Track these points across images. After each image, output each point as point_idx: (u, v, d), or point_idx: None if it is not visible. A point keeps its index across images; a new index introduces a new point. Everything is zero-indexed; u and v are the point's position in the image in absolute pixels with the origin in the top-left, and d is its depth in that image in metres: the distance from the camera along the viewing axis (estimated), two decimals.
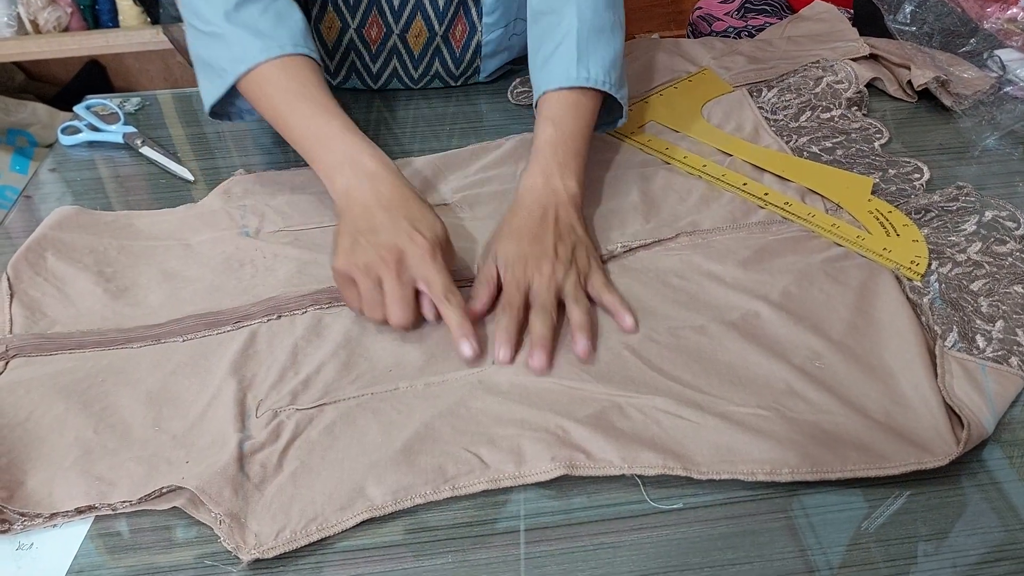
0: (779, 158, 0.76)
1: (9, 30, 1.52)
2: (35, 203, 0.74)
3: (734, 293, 0.60)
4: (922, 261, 0.62)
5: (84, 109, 0.84)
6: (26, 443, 0.50)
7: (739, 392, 0.52)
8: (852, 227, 0.66)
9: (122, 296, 0.61)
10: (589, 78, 0.67)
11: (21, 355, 0.56)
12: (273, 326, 0.58)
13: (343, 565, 0.45)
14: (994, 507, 0.47)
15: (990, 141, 0.81)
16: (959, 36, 0.90)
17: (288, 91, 0.64)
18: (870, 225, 0.66)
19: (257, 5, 0.66)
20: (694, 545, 0.45)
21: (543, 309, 0.56)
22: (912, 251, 0.63)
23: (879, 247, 0.64)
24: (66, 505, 0.46)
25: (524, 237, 0.60)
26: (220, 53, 0.66)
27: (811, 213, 0.68)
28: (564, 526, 0.47)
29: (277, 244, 0.66)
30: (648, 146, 0.78)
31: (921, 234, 0.65)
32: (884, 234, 0.65)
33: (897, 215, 0.67)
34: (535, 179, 0.64)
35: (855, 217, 0.67)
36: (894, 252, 0.63)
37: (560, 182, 0.63)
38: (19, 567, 0.45)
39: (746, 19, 1.18)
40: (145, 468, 0.48)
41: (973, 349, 0.54)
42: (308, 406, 0.52)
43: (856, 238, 0.65)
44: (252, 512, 0.46)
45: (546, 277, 0.58)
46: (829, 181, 0.72)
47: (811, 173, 0.73)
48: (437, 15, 0.83)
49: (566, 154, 0.65)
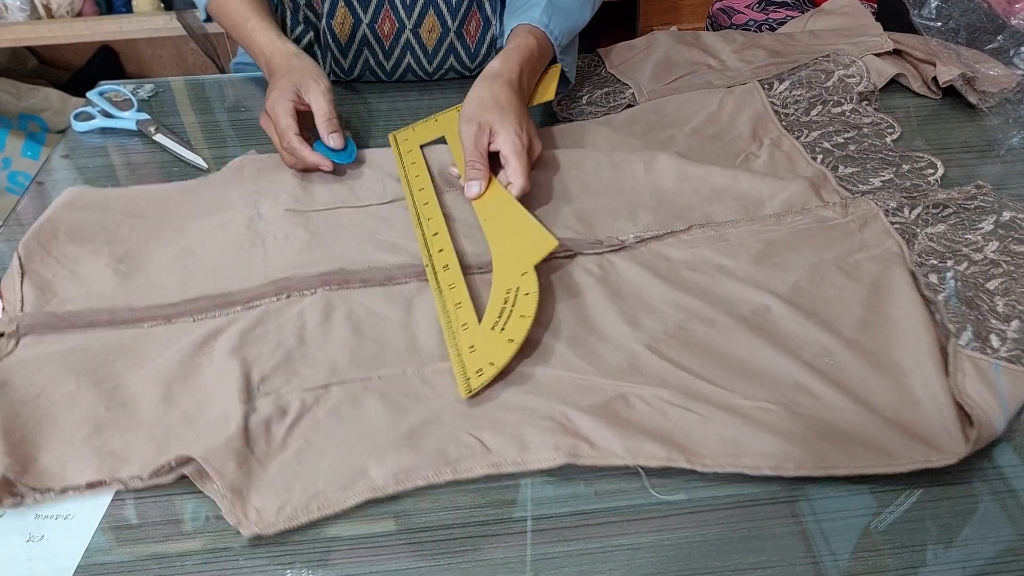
0: (497, 198, 0.67)
1: (22, 14, 1.52)
2: (47, 189, 0.74)
3: (745, 287, 0.60)
4: (487, 372, 0.51)
5: (97, 95, 0.85)
6: (38, 419, 0.50)
7: (747, 385, 0.52)
8: (471, 314, 0.56)
9: (133, 276, 0.62)
10: (548, 27, 0.78)
11: (32, 333, 0.57)
12: (282, 306, 0.59)
13: (355, 560, 0.44)
14: (1010, 515, 0.46)
15: (1016, 140, 0.79)
16: (985, 32, 0.88)
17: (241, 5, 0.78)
18: (493, 306, 0.56)
19: None
20: (715, 547, 0.45)
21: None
22: (490, 356, 0.52)
23: (469, 343, 0.54)
24: (77, 479, 0.47)
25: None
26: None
27: (452, 284, 0.59)
28: (582, 527, 0.46)
29: (288, 225, 0.67)
30: (405, 157, 0.76)
31: (523, 335, 0.53)
32: (491, 325, 0.55)
33: (524, 302, 0.55)
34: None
35: (493, 291, 0.58)
36: (477, 352, 0.53)
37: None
38: (30, 558, 0.44)
39: (767, 12, 1.17)
40: (156, 445, 0.49)
41: (987, 348, 0.53)
42: (315, 386, 0.53)
43: (460, 327, 0.55)
44: (255, 487, 0.46)
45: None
46: (514, 234, 0.62)
47: (507, 219, 0.64)
48: (450, 10, 0.83)
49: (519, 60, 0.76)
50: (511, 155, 0.67)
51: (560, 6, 0.79)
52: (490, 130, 0.69)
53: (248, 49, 0.80)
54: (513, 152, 0.67)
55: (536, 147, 0.71)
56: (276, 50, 0.76)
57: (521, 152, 0.67)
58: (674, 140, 0.78)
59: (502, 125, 0.68)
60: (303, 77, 0.72)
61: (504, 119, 0.69)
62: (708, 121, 0.81)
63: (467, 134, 0.70)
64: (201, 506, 0.47)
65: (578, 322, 0.57)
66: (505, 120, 0.69)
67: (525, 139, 0.69)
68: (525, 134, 0.69)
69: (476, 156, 0.69)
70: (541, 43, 0.78)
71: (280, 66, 0.75)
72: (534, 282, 0.57)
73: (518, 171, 0.67)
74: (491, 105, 0.70)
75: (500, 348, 0.53)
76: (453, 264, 0.61)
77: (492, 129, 0.69)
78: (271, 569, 0.44)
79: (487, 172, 0.69)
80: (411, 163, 0.74)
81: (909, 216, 0.66)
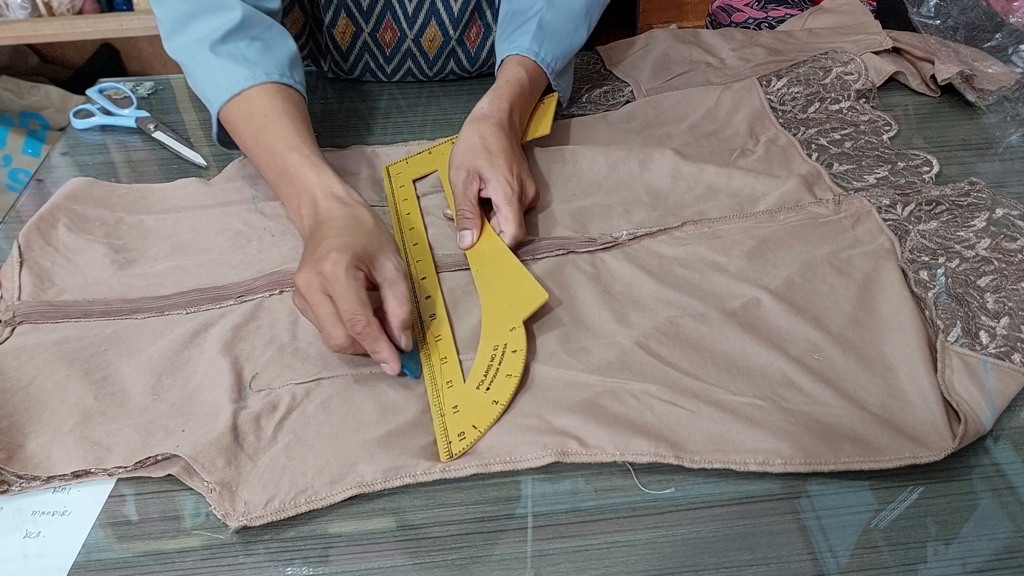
0: (491, 247, 0.64)
1: (23, 12, 1.52)
2: (47, 187, 0.74)
3: (737, 282, 0.60)
4: (469, 436, 0.49)
5: (97, 93, 0.85)
6: (27, 407, 0.51)
7: (736, 381, 0.52)
8: (456, 370, 0.54)
9: (130, 267, 0.62)
10: (539, 55, 0.75)
11: (28, 322, 0.57)
12: (275, 301, 0.59)
13: (353, 557, 0.45)
14: (1009, 512, 0.46)
15: (1014, 138, 0.79)
16: (984, 31, 0.88)
17: (260, 125, 0.64)
18: (479, 364, 0.54)
19: (245, 34, 0.66)
20: (710, 545, 0.45)
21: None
22: (473, 418, 0.50)
23: (452, 403, 0.52)
24: (63, 468, 0.47)
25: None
26: (205, 83, 0.67)
27: (439, 336, 0.57)
28: (577, 524, 0.46)
29: (285, 220, 0.67)
30: (397, 193, 0.73)
31: (508, 397, 0.51)
32: (476, 384, 0.53)
33: (510, 360, 0.53)
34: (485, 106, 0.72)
35: (480, 347, 0.56)
36: (460, 412, 0.51)
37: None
38: (26, 555, 0.45)
39: (766, 10, 1.17)
40: (142, 435, 0.49)
41: (976, 345, 0.53)
42: (305, 380, 0.53)
43: (444, 384, 0.53)
44: (244, 481, 0.46)
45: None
46: (504, 287, 0.60)
47: (498, 270, 0.62)
48: (452, 20, 0.83)
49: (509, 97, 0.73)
50: (502, 203, 0.65)
51: (552, 30, 0.76)
52: (479, 176, 0.66)
53: (279, 178, 0.64)
54: (504, 199, 0.65)
55: (528, 191, 0.68)
56: (324, 191, 0.60)
57: (512, 198, 0.65)
58: (671, 137, 0.78)
59: (491, 171, 0.65)
60: (377, 249, 0.55)
61: (493, 164, 0.66)
62: (705, 118, 0.81)
63: (456, 182, 0.67)
64: (200, 502, 0.47)
65: (569, 320, 0.58)
66: (495, 166, 0.66)
67: (516, 184, 0.66)
68: (516, 179, 0.66)
69: (467, 205, 0.66)
70: (532, 74, 0.75)
71: (333, 216, 0.58)
72: (522, 339, 0.54)
73: (509, 219, 0.64)
74: (479, 150, 0.67)
75: (484, 411, 0.51)
76: (440, 314, 0.59)
77: (481, 176, 0.66)
78: (270, 566, 0.44)
79: (479, 220, 0.66)
80: (403, 199, 0.72)
81: (902, 213, 0.66)
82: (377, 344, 0.52)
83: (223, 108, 0.66)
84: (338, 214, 0.58)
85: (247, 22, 0.66)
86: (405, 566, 0.44)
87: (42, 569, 0.44)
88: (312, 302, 0.52)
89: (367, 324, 0.51)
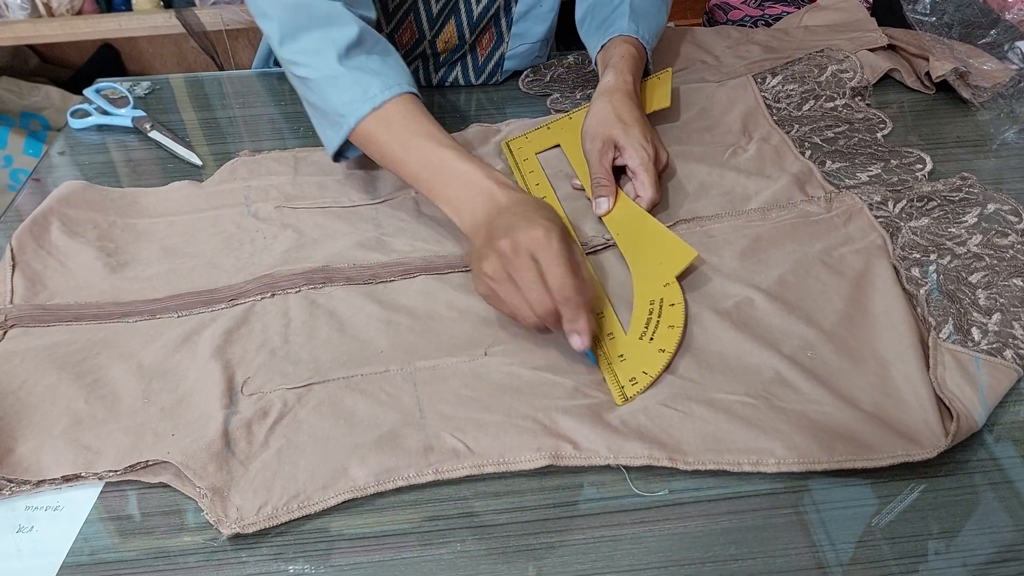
0: (628, 213, 0.67)
1: (23, 12, 1.52)
2: (44, 186, 0.74)
3: (729, 282, 0.59)
4: (641, 381, 0.52)
5: (94, 92, 0.85)
6: (17, 411, 0.51)
7: (728, 380, 0.52)
8: (615, 322, 0.57)
9: (122, 271, 0.62)
10: (639, 32, 0.79)
11: (19, 325, 0.57)
12: (267, 304, 0.59)
13: (346, 553, 0.45)
14: (1007, 506, 0.46)
15: (1009, 134, 0.79)
16: (979, 27, 0.88)
17: (406, 129, 0.64)
18: (638, 318, 0.57)
19: (364, 48, 0.66)
20: (696, 540, 0.45)
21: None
22: (642, 365, 0.53)
23: (618, 352, 0.54)
24: (53, 472, 0.47)
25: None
26: (336, 97, 0.65)
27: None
28: (564, 519, 0.46)
29: (278, 224, 0.67)
30: (523, 165, 0.75)
31: (674, 345, 0.54)
32: (638, 335, 0.55)
33: (670, 313, 0.56)
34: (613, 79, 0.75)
35: (636, 303, 0.58)
36: (628, 361, 0.53)
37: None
38: (19, 549, 0.45)
39: (763, 8, 1.17)
40: (131, 439, 0.49)
41: (968, 341, 0.53)
42: (297, 385, 0.53)
43: (605, 336, 0.56)
44: (236, 487, 0.46)
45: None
46: (650, 247, 0.62)
47: (640, 233, 0.64)
48: (470, 23, 0.84)
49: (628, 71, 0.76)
50: (639, 168, 0.67)
51: (643, 12, 0.80)
52: (615, 145, 0.69)
53: (434, 176, 0.62)
54: (641, 165, 0.67)
55: (662, 156, 0.71)
56: (498, 182, 0.59)
57: (649, 164, 0.67)
58: (664, 134, 0.78)
59: (627, 139, 0.68)
60: (562, 227, 0.56)
61: (628, 133, 0.68)
62: (699, 115, 0.81)
63: (592, 151, 0.70)
64: (192, 498, 0.47)
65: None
66: (629, 134, 0.68)
67: (651, 150, 0.68)
68: (651, 145, 0.69)
69: (602, 173, 0.69)
70: (638, 50, 0.79)
71: (517, 200, 0.58)
72: (679, 293, 0.57)
73: (647, 184, 0.67)
74: (613, 120, 0.70)
75: (652, 358, 0.53)
76: (588, 274, 0.59)
77: (617, 144, 0.69)
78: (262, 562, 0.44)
79: (614, 188, 0.68)
80: (529, 171, 0.74)
81: (893, 210, 0.65)
82: (580, 312, 0.52)
83: (362, 121, 0.64)
84: (522, 199, 0.58)
85: (364, 35, 0.66)
86: (392, 560, 0.44)
87: (35, 563, 0.44)
88: (519, 265, 0.52)
89: (578, 290, 0.51)
